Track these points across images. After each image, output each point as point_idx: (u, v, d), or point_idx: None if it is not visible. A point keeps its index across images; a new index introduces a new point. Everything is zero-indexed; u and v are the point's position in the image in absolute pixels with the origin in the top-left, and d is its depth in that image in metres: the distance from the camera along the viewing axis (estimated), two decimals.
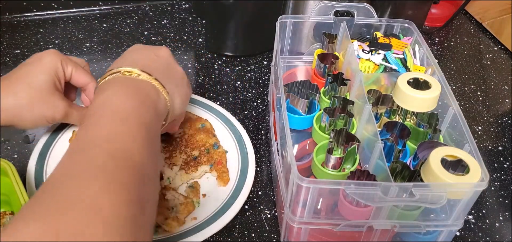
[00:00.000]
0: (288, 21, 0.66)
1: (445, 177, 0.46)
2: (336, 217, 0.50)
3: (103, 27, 0.87)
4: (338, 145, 0.54)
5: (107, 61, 0.80)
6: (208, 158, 0.62)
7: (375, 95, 0.59)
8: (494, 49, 0.94)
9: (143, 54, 0.51)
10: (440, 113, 0.56)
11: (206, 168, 0.61)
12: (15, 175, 0.53)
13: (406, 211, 0.50)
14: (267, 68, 0.82)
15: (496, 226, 0.61)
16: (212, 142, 0.64)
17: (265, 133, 0.70)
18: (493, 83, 0.85)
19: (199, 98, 0.71)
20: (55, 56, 0.53)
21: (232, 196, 0.57)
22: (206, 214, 0.55)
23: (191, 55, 0.83)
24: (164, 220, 0.54)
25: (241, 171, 0.61)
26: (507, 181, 0.67)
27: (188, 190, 0.59)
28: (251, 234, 0.57)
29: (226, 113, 0.68)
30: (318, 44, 0.71)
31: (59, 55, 0.54)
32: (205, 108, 0.69)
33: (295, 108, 0.60)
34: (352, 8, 0.67)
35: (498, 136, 0.75)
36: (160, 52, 0.53)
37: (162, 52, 0.53)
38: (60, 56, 0.54)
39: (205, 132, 0.65)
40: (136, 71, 0.47)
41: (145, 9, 0.92)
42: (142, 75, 0.47)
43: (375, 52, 0.66)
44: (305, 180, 0.45)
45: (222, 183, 0.59)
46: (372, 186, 0.45)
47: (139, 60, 0.49)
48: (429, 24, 0.95)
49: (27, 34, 0.83)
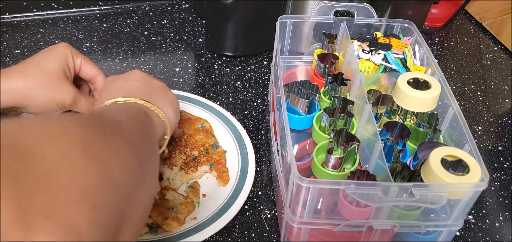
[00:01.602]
0: (288, 21, 0.66)
1: (445, 177, 0.46)
2: (336, 217, 0.50)
3: (103, 27, 0.87)
4: (338, 145, 0.54)
5: (107, 61, 0.80)
6: (208, 158, 0.62)
7: (375, 95, 0.59)
8: (494, 49, 0.94)
9: (119, 84, 0.52)
10: (440, 113, 0.56)
11: (205, 168, 0.61)
12: None
13: (406, 211, 0.50)
14: (267, 68, 0.82)
15: (496, 226, 0.61)
16: (211, 142, 0.64)
17: (265, 133, 0.70)
18: (493, 83, 0.85)
19: (198, 98, 0.71)
20: (66, 47, 0.57)
21: (232, 196, 0.57)
22: (206, 214, 0.55)
23: (191, 55, 0.83)
24: (164, 220, 0.54)
25: (241, 171, 0.61)
26: (507, 181, 0.67)
27: (188, 190, 0.59)
28: (251, 234, 0.57)
29: (226, 113, 0.68)
30: (318, 44, 0.70)
31: (71, 47, 0.58)
32: (205, 108, 0.69)
33: (295, 108, 0.60)
34: (352, 8, 0.67)
35: (498, 136, 0.75)
36: (133, 76, 0.54)
37: (134, 75, 0.54)
38: (71, 48, 0.58)
39: (204, 132, 0.65)
40: (120, 99, 0.48)
41: (145, 9, 0.92)
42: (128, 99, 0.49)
43: (375, 52, 0.66)
44: (305, 180, 0.45)
45: (222, 182, 0.59)
46: (372, 186, 0.45)
47: (118, 90, 0.51)
48: (429, 24, 0.95)
49: (27, 34, 0.83)
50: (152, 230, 0.54)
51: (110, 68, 0.78)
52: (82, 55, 0.59)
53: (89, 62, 0.59)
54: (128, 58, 0.81)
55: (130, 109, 0.47)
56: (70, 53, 0.57)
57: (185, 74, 0.79)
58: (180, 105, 0.68)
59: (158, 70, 0.79)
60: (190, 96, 0.71)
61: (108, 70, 0.78)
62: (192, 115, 0.68)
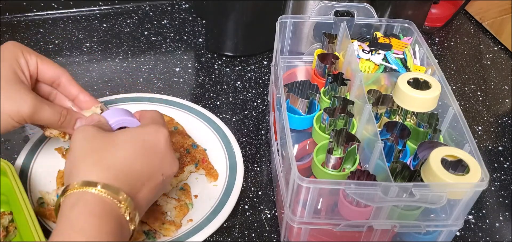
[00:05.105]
0: (288, 21, 0.66)
1: (445, 177, 0.46)
2: (336, 217, 0.50)
3: (103, 27, 0.87)
4: (338, 145, 0.54)
5: (107, 61, 0.80)
6: (191, 158, 0.62)
7: (375, 95, 0.59)
8: (494, 49, 0.94)
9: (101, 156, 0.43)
10: (440, 113, 0.56)
11: (191, 168, 0.61)
12: (15, 175, 0.53)
13: (406, 211, 0.50)
14: (267, 68, 0.82)
15: (496, 226, 0.61)
16: (189, 142, 0.64)
17: (265, 133, 0.70)
18: (493, 83, 0.85)
19: (171, 98, 0.71)
20: (15, 45, 0.47)
21: (225, 193, 0.58)
22: (201, 215, 0.56)
23: (191, 55, 0.83)
24: (161, 225, 0.54)
25: (230, 167, 0.61)
26: (507, 181, 0.67)
27: (179, 193, 0.59)
28: (251, 234, 0.57)
29: (207, 112, 0.69)
30: (318, 44, 0.70)
31: (20, 45, 0.47)
32: (181, 108, 0.69)
33: (295, 108, 0.60)
34: (352, 8, 0.67)
35: (498, 136, 0.75)
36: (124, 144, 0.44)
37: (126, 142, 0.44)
38: (21, 46, 0.47)
39: (179, 134, 0.65)
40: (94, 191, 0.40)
41: (145, 9, 0.92)
42: (103, 194, 0.40)
43: (375, 52, 0.66)
44: (305, 180, 0.45)
45: (212, 178, 0.60)
46: (372, 186, 0.45)
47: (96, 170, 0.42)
48: (429, 24, 0.95)
49: (27, 34, 0.83)
50: (148, 236, 0.54)
51: (110, 68, 0.78)
52: (36, 53, 0.48)
53: (46, 61, 0.48)
54: (128, 58, 0.81)
55: (103, 221, 0.39)
56: (20, 52, 0.46)
57: (185, 74, 0.79)
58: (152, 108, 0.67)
59: (158, 70, 0.79)
60: (162, 97, 0.71)
61: (108, 70, 0.78)
62: (165, 116, 0.68)
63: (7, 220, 0.51)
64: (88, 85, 0.75)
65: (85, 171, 0.42)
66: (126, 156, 0.43)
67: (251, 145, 0.68)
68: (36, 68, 0.48)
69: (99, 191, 0.40)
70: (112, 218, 0.40)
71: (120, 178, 0.42)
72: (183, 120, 0.68)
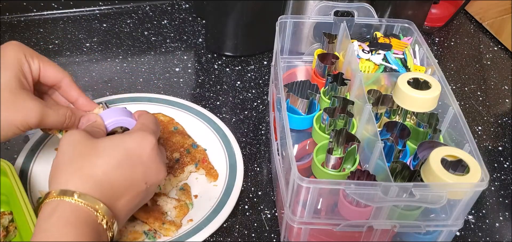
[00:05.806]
0: (288, 21, 0.66)
1: (445, 177, 0.46)
2: (336, 217, 0.50)
3: (103, 27, 0.87)
4: (338, 145, 0.54)
5: (107, 61, 0.80)
6: (191, 158, 0.62)
7: (375, 95, 0.59)
8: (494, 49, 0.94)
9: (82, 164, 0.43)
10: (440, 113, 0.56)
11: (191, 168, 0.61)
12: (15, 175, 0.53)
13: (406, 211, 0.50)
14: (267, 68, 0.82)
15: (496, 226, 0.61)
16: (190, 142, 0.64)
17: (265, 133, 0.70)
18: (493, 83, 0.85)
19: (171, 98, 0.70)
20: (18, 48, 0.45)
21: (225, 193, 0.58)
22: (201, 215, 0.56)
23: (191, 55, 0.83)
24: (161, 225, 0.54)
25: (230, 167, 0.61)
26: (507, 181, 0.67)
27: (179, 193, 0.59)
28: (251, 234, 0.57)
29: (204, 110, 0.69)
30: (318, 44, 0.70)
31: (23, 46, 0.45)
32: (181, 108, 0.69)
33: (295, 108, 0.60)
34: (352, 8, 0.67)
35: (498, 136, 0.75)
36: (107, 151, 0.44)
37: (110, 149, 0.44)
38: (24, 48, 0.45)
39: (179, 134, 0.65)
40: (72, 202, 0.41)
41: (145, 9, 0.92)
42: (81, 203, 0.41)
43: (375, 52, 0.66)
44: (305, 180, 0.45)
45: (212, 178, 0.60)
46: (372, 186, 0.45)
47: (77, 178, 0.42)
48: (429, 24, 0.95)
49: (27, 34, 0.83)
50: (148, 236, 0.54)
51: (110, 68, 0.78)
52: (38, 55, 0.47)
53: (49, 64, 0.47)
54: (128, 58, 0.81)
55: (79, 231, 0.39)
56: (23, 56, 0.44)
57: (185, 74, 0.79)
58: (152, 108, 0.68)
59: (158, 70, 0.79)
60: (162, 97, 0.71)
61: (108, 70, 0.78)
62: (164, 116, 0.68)
63: (7, 220, 0.51)
64: (88, 85, 0.75)
65: (65, 179, 0.42)
66: (107, 165, 0.43)
67: (251, 145, 0.68)
68: (39, 72, 0.47)
69: (76, 201, 0.41)
70: (88, 227, 0.40)
71: (98, 187, 0.42)
72: (183, 120, 0.68)
